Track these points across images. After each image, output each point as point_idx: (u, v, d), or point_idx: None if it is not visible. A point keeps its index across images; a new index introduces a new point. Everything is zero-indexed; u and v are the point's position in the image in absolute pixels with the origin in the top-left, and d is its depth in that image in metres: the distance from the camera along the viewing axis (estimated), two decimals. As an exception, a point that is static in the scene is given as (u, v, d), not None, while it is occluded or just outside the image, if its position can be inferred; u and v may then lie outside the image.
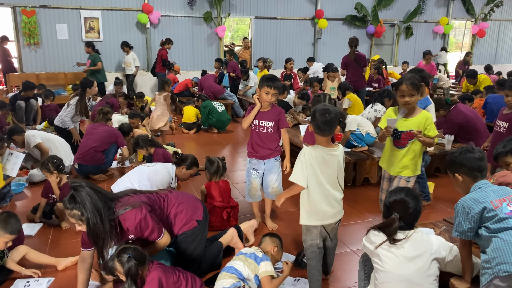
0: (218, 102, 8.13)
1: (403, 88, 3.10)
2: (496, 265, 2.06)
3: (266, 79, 3.53)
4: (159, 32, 11.08)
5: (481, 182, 2.31)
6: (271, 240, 3.02)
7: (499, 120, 4.30)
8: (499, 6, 14.05)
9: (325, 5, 12.38)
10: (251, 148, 3.75)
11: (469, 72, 8.51)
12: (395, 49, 13.68)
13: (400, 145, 3.26)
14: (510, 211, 2.13)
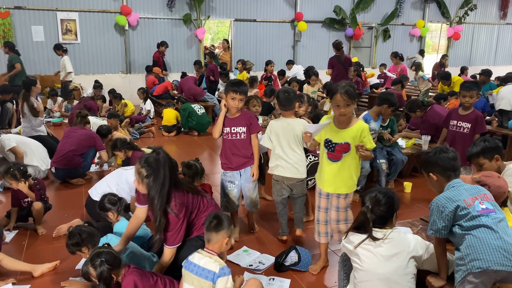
0: (198, 105, 8.09)
1: (338, 98, 2.75)
2: (469, 261, 2.11)
3: (231, 84, 3.38)
4: (138, 34, 10.98)
5: (454, 181, 2.37)
6: (217, 233, 2.48)
7: (459, 121, 4.39)
8: (473, 9, 14.42)
9: (304, 8, 12.48)
10: (225, 159, 3.56)
11: (442, 74, 8.71)
12: (373, 51, 13.88)
13: (334, 157, 2.93)
14: (482, 209, 2.19)
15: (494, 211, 2.21)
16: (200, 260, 2.44)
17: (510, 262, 2.06)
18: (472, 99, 4.32)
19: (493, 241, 2.09)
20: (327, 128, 2.94)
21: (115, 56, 10.89)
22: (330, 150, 2.94)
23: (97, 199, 3.55)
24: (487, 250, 2.07)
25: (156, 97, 9.62)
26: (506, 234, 2.13)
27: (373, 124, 4.46)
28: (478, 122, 4.32)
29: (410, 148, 5.36)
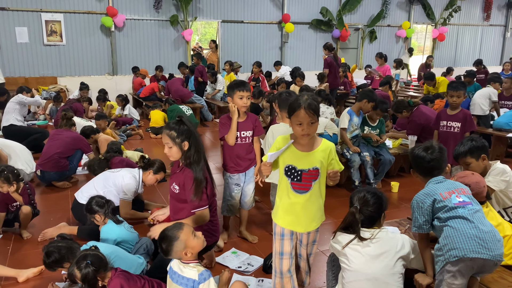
0: (186, 106, 8.05)
1: (302, 115, 2.23)
2: (447, 251, 2.19)
3: (235, 84, 3.38)
4: (125, 35, 10.89)
5: (433, 179, 2.47)
6: (175, 252, 2.32)
7: (449, 121, 4.47)
8: (457, 11, 14.63)
9: (291, 10, 12.52)
10: (233, 163, 3.52)
11: (427, 75, 8.85)
12: (360, 52, 13.99)
13: (301, 188, 2.40)
14: (458, 201, 2.29)
15: (470, 204, 2.30)
16: (179, 267, 2.39)
17: (485, 249, 2.14)
18: (460, 99, 4.38)
19: (468, 231, 2.18)
20: (286, 152, 2.39)
21: (101, 57, 10.78)
22: (295, 179, 2.39)
23: (84, 202, 3.52)
24: (463, 239, 2.16)
25: (143, 99, 9.56)
26: (481, 224, 2.21)
27: (355, 119, 4.78)
28: (467, 121, 4.39)
29: (397, 148, 5.41)
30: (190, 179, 2.70)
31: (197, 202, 2.71)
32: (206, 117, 9.32)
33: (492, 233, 2.20)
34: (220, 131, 3.46)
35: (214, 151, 6.95)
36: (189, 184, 2.69)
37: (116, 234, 3.22)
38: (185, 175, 2.75)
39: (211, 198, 2.84)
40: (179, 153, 2.72)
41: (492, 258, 2.15)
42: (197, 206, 2.73)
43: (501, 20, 16.21)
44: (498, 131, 6.17)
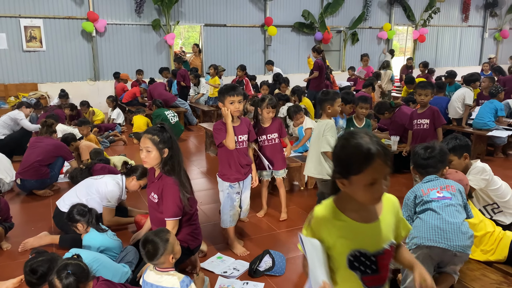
0: (172, 112, 7.98)
1: (378, 167, 1.38)
2: (410, 240, 2.34)
3: (225, 89, 3.29)
4: (106, 40, 10.78)
5: (426, 178, 2.58)
6: (157, 259, 2.33)
7: (419, 119, 4.68)
8: (436, 12, 14.87)
9: (273, 13, 12.57)
10: (236, 171, 3.39)
11: (407, 79, 9.01)
12: (342, 54, 14.11)
13: (377, 283, 1.55)
14: (437, 196, 2.42)
15: (450, 198, 2.40)
16: (155, 278, 2.35)
17: (443, 239, 2.23)
18: (427, 97, 4.63)
19: (432, 221, 2.32)
20: (340, 230, 1.50)
21: (83, 63, 10.65)
22: (369, 271, 1.51)
23: (66, 210, 3.45)
24: (424, 228, 2.31)
25: (125, 104, 9.47)
26: (449, 216, 2.31)
27: (340, 122, 4.82)
28: (435, 116, 4.61)
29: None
30: (170, 187, 2.70)
31: (171, 212, 2.72)
32: (191, 121, 9.27)
33: (456, 225, 2.27)
34: (217, 137, 3.33)
35: (198, 156, 6.91)
36: (168, 193, 2.70)
37: (99, 242, 3.17)
38: (164, 183, 2.74)
39: (187, 207, 2.82)
40: (157, 159, 2.72)
41: (449, 248, 2.23)
42: (170, 215, 2.73)
43: (479, 21, 16.54)
44: (478, 130, 6.28)
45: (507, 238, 2.62)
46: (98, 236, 3.19)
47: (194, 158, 6.74)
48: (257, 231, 3.97)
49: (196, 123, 9.15)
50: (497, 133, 6.19)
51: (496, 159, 6.44)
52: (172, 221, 2.75)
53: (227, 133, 3.27)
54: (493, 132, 6.19)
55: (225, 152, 3.36)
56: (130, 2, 10.84)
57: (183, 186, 2.78)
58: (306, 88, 9.89)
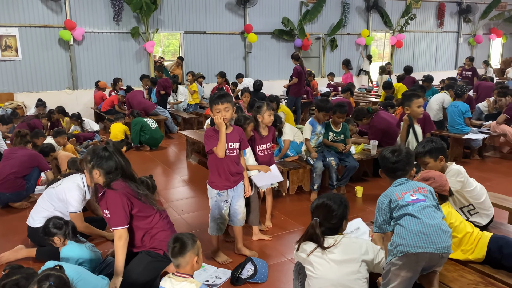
0: (150, 119, 7.93)
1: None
2: (395, 247, 2.32)
3: (211, 99, 3.27)
4: (84, 49, 10.64)
5: (396, 181, 2.57)
6: (183, 256, 2.42)
7: None
8: (413, 18, 15.18)
9: (253, 20, 12.63)
10: (225, 179, 3.37)
11: (385, 84, 9.18)
12: (322, 61, 14.25)
13: None
14: (411, 199, 2.42)
15: (423, 200, 2.41)
16: (174, 286, 2.39)
17: (429, 243, 2.25)
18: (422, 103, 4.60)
19: (414, 227, 2.31)
20: None
21: (60, 72, 10.48)
22: None
23: (38, 226, 3.38)
24: (409, 235, 2.29)
25: (104, 113, 9.35)
26: (428, 218, 2.33)
27: (319, 127, 4.95)
28: (427, 122, 4.72)
29: (359, 154, 5.51)
30: (109, 197, 2.76)
31: (113, 221, 2.76)
32: (171, 129, 9.21)
33: (437, 226, 2.30)
34: (207, 144, 3.31)
35: (179, 164, 6.87)
36: (109, 203, 2.77)
37: (78, 255, 3.11)
38: (106, 197, 2.79)
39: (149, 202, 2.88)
40: (91, 179, 2.85)
41: (436, 251, 2.25)
42: (114, 224, 2.77)
43: (454, 26, 16.95)
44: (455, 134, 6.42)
45: (485, 238, 2.68)
46: (76, 248, 3.13)
47: (175, 167, 6.70)
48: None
49: (177, 131, 9.10)
50: (473, 136, 6.34)
51: (472, 161, 6.59)
52: (118, 230, 2.77)
53: (219, 141, 3.24)
54: (469, 135, 6.33)
55: (215, 159, 3.33)
56: (109, 10, 10.74)
57: (133, 187, 2.87)
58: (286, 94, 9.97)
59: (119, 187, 2.80)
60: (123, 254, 2.80)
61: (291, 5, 13.21)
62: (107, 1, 10.66)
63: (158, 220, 2.94)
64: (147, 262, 2.87)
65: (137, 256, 2.91)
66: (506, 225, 3.36)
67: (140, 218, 2.88)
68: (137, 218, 2.87)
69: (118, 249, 2.79)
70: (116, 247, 2.81)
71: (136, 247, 2.94)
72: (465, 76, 11.01)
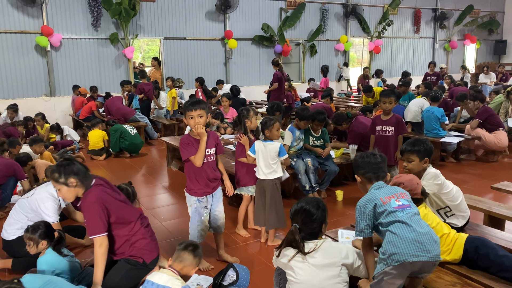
0: (130, 125, 7.85)
1: None
2: (389, 256, 2.30)
3: (185, 105, 3.26)
4: (62, 55, 10.48)
5: (375, 184, 2.58)
6: (194, 257, 2.61)
7: (383, 125, 4.90)
8: (390, 25, 15.48)
9: (233, 26, 12.67)
10: (202, 185, 3.36)
11: (365, 88, 9.31)
12: (302, 66, 14.38)
13: None
14: (398, 205, 2.41)
15: (409, 206, 2.42)
16: (160, 279, 2.46)
17: (423, 252, 2.26)
18: (391, 105, 4.81)
19: (407, 235, 2.30)
20: None
21: (37, 78, 10.29)
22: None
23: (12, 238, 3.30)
24: (403, 244, 2.27)
25: (83, 120, 9.21)
26: (419, 226, 2.34)
27: (298, 133, 5.00)
28: (399, 124, 4.84)
29: (339, 158, 5.57)
30: (84, 206, 2.73)
31: (91, 229, 2.73)
32: (151, 136, 9.13)
33: (429, 235, 2.32)
34: (184, 152, 3.27)
35: (160, 170, 6.81)
36: (84, 212, 2.74)
37: (54, 266, 3.03)
38: (82, 206, 2.77)
39: (121, 220, 2.85)
40: (71, 192, 2.75)
41: (431, 259, 2.27)
42: (92, 233, 2.73)
43: (430, 32, 17.35)
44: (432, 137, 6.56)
45: (462, 239, 2.73)
46: (52, 259, 3.05)
47: (156, 173, 6.64)
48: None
49: (157, 137, 9.03)
50: (449, 139, 6.49)
51: (448, 164, 6.74)
52: (97, 238, 2.72)
53: (198, 150, 3.22)
54: (446, 139, 6.48)
55: (192, 166, 3.30)
56: (87, 16, 10.62)
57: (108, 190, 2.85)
58: (267, 100, 10.03)
59: (98, 190, 2.76)
60: (103, 262, 2.75)
61: (271, 11, 13.32)
62: (85, 7, 10.55)
63: (139, 228, 2.92)
64: (126, 270, 2.84)
65: (116, 265, 2.88)
66: (481, 226, 3.44)
67: (120, 226, 2.85)
68: (117, 226, 2.84)
69: (98, 257, 2.75)
70: (96, 255, 2.76)
71: (116, 255, 2.90)
72: (429, 81, 11.26)
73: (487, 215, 3.72)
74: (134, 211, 2.99)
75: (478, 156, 7.06)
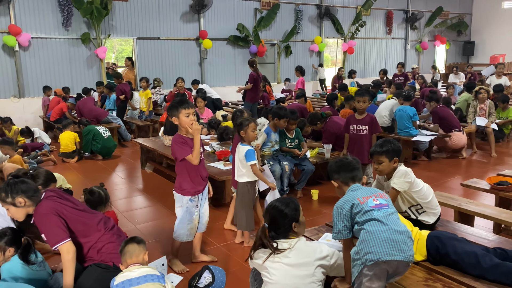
0: (103, 127, 7.68)
1: None
2: (363, 255, 2.27)
3: (178, 103, 3.18)
4: (31, 55, 10.19)
5: (353, 186, 2.59)
6: (139, 245, 2.64)
7: (358, 125, 4.94)
8: (363, 26, 15.74)
9: (208, 26, 12.61)
10: (198, 184, 3.34)
11: (340, 86, 9.42)
12: (277, 67, 14.44)
13: None
14: (375, 204, 2.41)
15: (387, 206, 2.43)
16: (130, 274, 2.48)
17: (398, 251, 2.25)
18: (365, 104, 4.87)
19: (382, 234, 2.28)
20: None
21: (5, 79, 9.97)
22: None
23: None
24: (377, 242, 2.26)
25: (54, 122, 8.96)
26: (395, 225, 2.34)
27: (273, 135, 4.98)
28: (374, 124, 4.89)
29: (314, 157, 5.61)
30: (37, 219, 2.68)
31: (51, 239, 2.67)
32: (124, 137, 8.96)
33: (405, 234, 2.32)
34: (179, 152, 3.20)
35: (134, 173, 6.70)
36: (40, 225, 2.68)
37: (18, 273, 2.89)
38: (36, 222, 2.71)
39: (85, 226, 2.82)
40: (19, 211, 2.70)
41: (405, 259, 2.25)
42: (54, 242, 2.67)
43: (401, 33, 17.73)
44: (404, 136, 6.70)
45: (423, 238, 2.75)
46: (13, 267, 2.90)
47: (129, 176, 6.53)
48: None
49: (131, 139, 8.88)
50: (421, 138, 6.63)
51: (420, 162, 6.89)
52: (63, 246, 2.67)
53: (194, 148, 3.17)
54: (418, 137, 6.62)
55: (186, 165, 3.26)
56: (57, 15, 10.36)
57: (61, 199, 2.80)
58: (243, 100, 10.02)
59: (48, 202, 2.71)
60: (72, 269, 2.68)
61: (246, 11, 13.33)
62: (55, 5, 10.29)
63: (103, 233, 2.87)
64: (98, 273, 2.77)
65: (86, 269, 2.81)
66: (452, 222, 3.51)
67: (82, 234, 2.80)
68: (78, 234, 2.79)
69: (67, 264, 2.68)
70: (64, 262, 2.69)
71: (85, 261, 2.84)
72: (397, 82, 11.49)
73: (458, 212, 3.81)
74: (94, 217, 2.93)
75: (449, 154, 7.24)
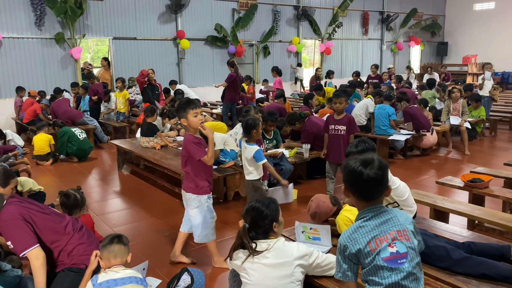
0: (79, 129, 7.53)
1: None
2: None
3: (186, 104, 3.20)
4: (2, 55, 9.88)
5: (368, 208, 1.94)
6: (125, 248, 2.60)
7: (336, 125, 4.98)
8: (340, 26, 15.90)
9: (185, 26, 12.51)
10: (211, 182, 3.46)
11: (316, 86, 9.52)
12: (256, 67, 14.45)
13: None
14: (390, 254, 1.87)
15: (405, 258, 1.87)
16: (115, 274, 2.44)
17: None
18: (342, 105, 4.92)
19: None
20: None
21: (-25, 80, 9.67)
22: None
23: None
24: None
25: (27, 124, 8.72)
26: None
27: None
28: (351, 124, 4.95)
29: (293, 157, 5.64)
30: (3, 227, 2.62)
31: (19, 246, 2.59)
32: (101, 139, 8.80)
33: None
34: (197, 153, 3.23)
35: (111, 175, 6.59)
36: (5, 233, 2.62)
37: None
38: (1, 230, 2.65)
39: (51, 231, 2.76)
40: None
41: None
42: (22, 249, 2.60)
43: (377, 34, 18.00)
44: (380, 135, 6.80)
45: None
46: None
47: (106, 178, 6.41)
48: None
49: (107, 140, 8.73)
50: (397, 137, 6.75)
51: (396, 160, 7.01)
52: (31, 252, 2.60)
53: (209, 149, 3.23)
54: (394, 137, 6.74)
55: (203, 165, 3.32)
56: (29, 14, 10.09)
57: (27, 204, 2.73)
58: (222, 100, 9.99)
59: (13, 207, 2.64)
60: (43, 275, 2.60)
61: (224, 11, 13.28)
62: (27, 4, 10.02)
63: (71, 235, 2.79)
64: (71, 278, 2.70)
65: (58, 275, 2.73)
66: (428, 219, 3.58)
67: (49, 237, 2.72)
68: (46, 239, 2.72)
69: (37, 271, 2.59)
70: (34, 269, 2.60)
71: (56, 267, 2.76)
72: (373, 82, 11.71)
73: (433, 209, 3.90)
74: (62, 220, 2.86)
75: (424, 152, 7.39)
